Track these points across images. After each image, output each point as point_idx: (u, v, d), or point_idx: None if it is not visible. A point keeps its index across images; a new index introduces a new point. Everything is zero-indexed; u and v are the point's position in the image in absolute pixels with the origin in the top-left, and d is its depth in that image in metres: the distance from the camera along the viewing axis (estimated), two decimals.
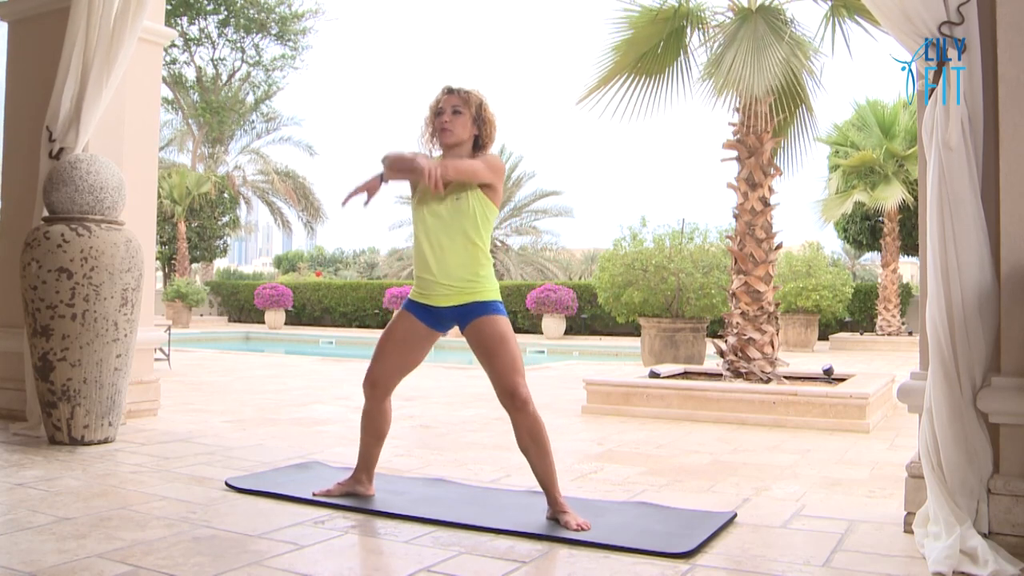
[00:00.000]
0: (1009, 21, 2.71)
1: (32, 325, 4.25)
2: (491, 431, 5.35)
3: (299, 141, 31.59)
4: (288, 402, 6.73)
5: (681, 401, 6.07)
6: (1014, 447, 2.67)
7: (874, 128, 16.70)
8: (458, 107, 3.10)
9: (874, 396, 5.73)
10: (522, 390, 2.95)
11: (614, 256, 11.42)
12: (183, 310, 20.14)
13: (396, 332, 3.17)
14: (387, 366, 3.19)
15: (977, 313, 2.65)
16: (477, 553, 2.62)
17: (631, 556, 2.61)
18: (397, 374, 3.21)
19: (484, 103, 3.15)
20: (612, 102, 7.06)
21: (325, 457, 4.21)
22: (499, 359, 2.97)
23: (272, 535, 2.77)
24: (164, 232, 24.59)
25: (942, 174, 2.67)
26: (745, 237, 6.91)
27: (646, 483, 3.86)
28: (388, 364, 3.19)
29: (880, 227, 17.94)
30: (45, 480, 3.49)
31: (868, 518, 3.10)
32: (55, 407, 4.25)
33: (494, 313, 3.03)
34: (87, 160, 4.39)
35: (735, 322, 6.85)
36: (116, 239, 4.33)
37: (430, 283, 3.08)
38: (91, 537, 2.68)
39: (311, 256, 41.98)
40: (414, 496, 3.32)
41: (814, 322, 15.71)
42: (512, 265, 27.72)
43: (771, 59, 6.21)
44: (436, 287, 3.07)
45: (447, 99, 3.12)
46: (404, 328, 3.16)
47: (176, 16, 27.12)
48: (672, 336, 10.54)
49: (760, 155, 6.90)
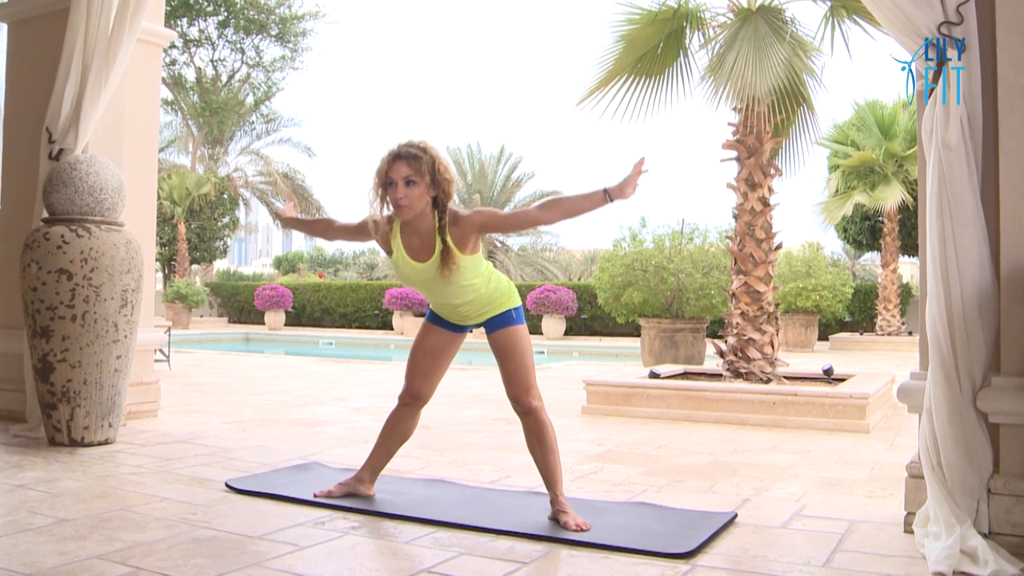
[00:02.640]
0: (1008, 21, 2.71)
1: (32, 326, 4.25)
2: (491, 432, 5.35)
3: (298, 143, 31.61)
4: (288, 403, 6.72)
5: (681, 401, 6.07)
6: (1014, 447, 2.67)
7: (874, 128, 16.70)
8: (411, 177, 2.82)
9: (874, 396, 5.74)
10: (528, 399, 3.03)
11: (614, 256, 11.42)
12: (183, 311, 20.14)
13: (426, 343, 3.21)
14: (425, 376, 3.24)
15: (977, 313, 2.65)
16: (477, 554, 2.62)
17: (631, 556, 2.61)
18: (435, 381, 3.28)
19: (437, 160, 2.87)
20: (612, 103, 7.07)
21: (325, 458, 4.21)
22: (508, 368, 3.05)
23: (272, 536, 2.77)
24: (164, 233, 24.57)
25: (942, 174, 2.67)
26: (745, 237, 6.91)
27: (646, 483, 3.86)
28: (426, 374, 3.23)
29: (880, 227, 17.95)
30: (45, 481, 3.49)
31: (868, 518, 3.10)
32: (55, 408, 4.25)
33: (509, 324, 3.06)
34: (87, 161, 4.39)
35: (735, 322, 6.85)
36: (116, 240, 4.33)
37: (443, 312, 3.15)
38: (91, 538, 2.68)
39: (311, 257, 41.96)
40: (414, 497, 3.32)
41: (814, 322, 15.71)
42: (512, 265, 27.71)
43: (773, 59, 6.22)
44: (449, 315, 3.14)
45: (396, 168, 2.83)
46: (432, 339, 3.20)
47: (176, 17, 27.11)
48: (672, 336, 10.54)
49: (760, 155, 6.90)
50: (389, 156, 2.87)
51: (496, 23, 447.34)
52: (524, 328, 3.11)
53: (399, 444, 3.35)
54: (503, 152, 30.36)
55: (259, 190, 30.62)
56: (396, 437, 3.32)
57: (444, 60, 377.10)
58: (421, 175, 2.83)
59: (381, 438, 3.33)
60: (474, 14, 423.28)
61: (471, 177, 29.85)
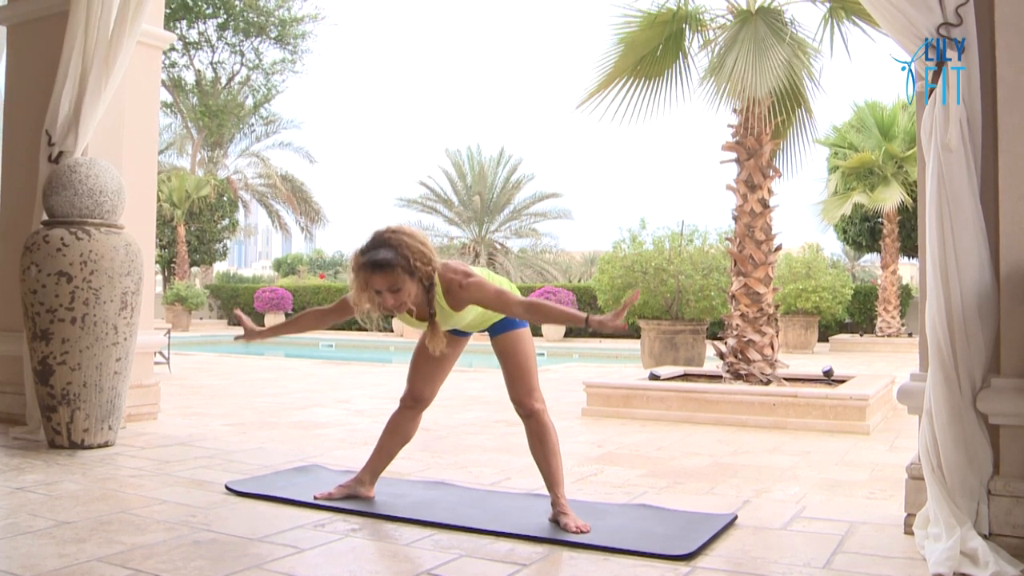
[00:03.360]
0: (1008, 22, 2.71)
1: (32, 329, 4.25)
2: (491, 434, 5.35)
3: (299, 147, 31.65)
4: (288, 405, 6.72)
5: (681, 403, 6.06)
6: (1014, 448, 2.67)
7: (873, 130, 16.71)
8: (394, 285, 2.76)
9: (874, 398, 5.74)
10: (530, 401, 3.04)
11: (613, 258, 11.42)
12: (183, 313, 20.14)
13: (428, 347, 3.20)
14: (427, 379, 3.26)
15: (976, 314, 2.65)
16: (477, 556, 2.62)
17: (631, 558, 2.61)
18: (437, 384, 3.30)
19: (411, 254, 2.76)
20: (612, 105, 7.07)
21: (325, 460, 4.21)
22: (510, 370, 3.08)
23: (272, 538, 2.77)
24: (164, 236, 24.58)
25: (941, 175, 2.67)
26: (744, 239, 6.92)
27: (646, 485, 3.86)
28: (428, 377, 3.25)
29: (879, 228, 17.95)
30: (45, 484, 3.49)
31: (868, 520, 3.10)
32: (55, 411, 4.25)
33: (511, 328, 3.09)
34: (86, 164, 4.39)
35: (735, 324, 6.85)
36: (115, 243, 4.33)
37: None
38: (91, 541, 2.68)
39: (310, 259, 41.93)
40: (414, 499, 3.32)
41: (814, 324, 15.71)
42: (512, 267, 27.72)
43: (773, 60, 6.22)
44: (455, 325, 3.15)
45: (376, 280, 2.76)
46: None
47: (175, 20, 27.13)
48: (672, 338, 10.54)
49: (759, 157, 6.90)
50: (366, 269, 2.76)
51: (496, 25, 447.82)
52: (527, 331, 3.11)
53: (400, 446, 3.35)
54: (503, 154, 30.37)
55: (259, 192, 30.65)
56: (397, 439, 3.33)
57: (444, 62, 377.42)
58: (401, 278, 2.76)
59: (382, 440, 3.34)
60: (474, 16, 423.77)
61: (471, 179, 29.85)
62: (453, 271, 2.91)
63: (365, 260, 2.77)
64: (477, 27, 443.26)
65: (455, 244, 29.33)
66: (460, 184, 29.90)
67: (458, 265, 2.95)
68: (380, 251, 2.76)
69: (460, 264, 2.97)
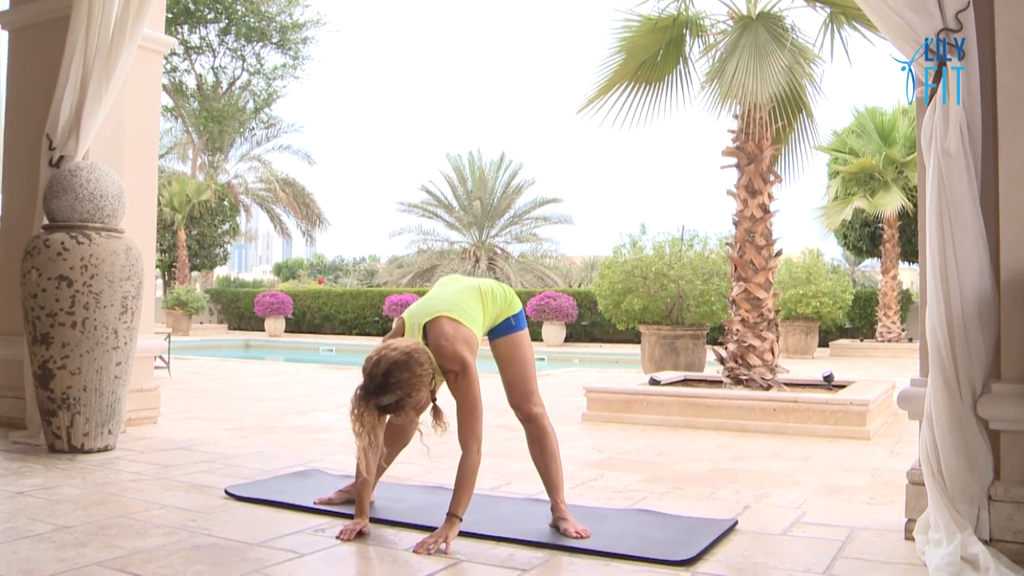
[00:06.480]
0: (1007, 28, 2.71)
1: (32, 333, 4.25)
2: (490, 439, 5.33)
3: (298, 150, 31.68)
4: (288, 410, 6.72)
5: (681, 408, 6.06)
6: (1015, 454, 2.67)
7: (873, 135, 16.72)
8: (403, 415, 2.81)
9: (874, 403, 5.73)
10: (529, 406, 3.04)
11: (614, 263, 11.42)
12: (183, 318, 20.14)
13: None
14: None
15: (977, 320, 2.65)
16: (477, 561, 2.62)
17: (631, 564, 2.61)
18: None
19: (411, 392, 2.74)
20: (612, 110, 7.09)
21: (325, 465, 4.20)
22: (509, 374, 3.08)
23: (272, 543, 2.76)
24: (164, 240, 24.60)
25: (941, 181, 2.68)
26: (745, 244, 6.92)
27: (646, 490, 3.85)
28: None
29: (880, 234, 17.95)
30: (45, 488, 3.49)
31: (869, 525, 3.10)
32: (55, 415, 4.24)
33: (510, 331, 3.09)
34: (87, 168, 4.40)
35: (735, 329, 6.84)
36: (116, 247, 4.33)
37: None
38: (91, 545, 2.67)
39: (311, 264, 41.97)
40: (414, 504, 3.32)
41: (814, 329, 15.70)
42: (512, 272, 27.71)
43: (774, 66, 6.23)
44: None
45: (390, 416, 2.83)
46: None
47: (176, 24, 27.20)
48: (672, 343, 10.53)
49: (760, 162, 6.91)
50: (375, 410, 2.76)
51: (497, 30, 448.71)
52: (525, 334, 3.11)
53: (399, 450, 3.34)
54: (503, 159, 30.37)
55: (259, 197, 30.66)
56: (396, 444, 3.32)
57: (445, 67, 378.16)
58: (406, 409, 2.79)
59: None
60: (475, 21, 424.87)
61: (472, 184, 29.85)
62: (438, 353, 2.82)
63: (373, 400, 2.75)
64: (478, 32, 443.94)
65: (455, 249, 29.34)
66: (461, 189, 29.91)
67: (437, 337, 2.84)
68: (384, 397, 2.73)
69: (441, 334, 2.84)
